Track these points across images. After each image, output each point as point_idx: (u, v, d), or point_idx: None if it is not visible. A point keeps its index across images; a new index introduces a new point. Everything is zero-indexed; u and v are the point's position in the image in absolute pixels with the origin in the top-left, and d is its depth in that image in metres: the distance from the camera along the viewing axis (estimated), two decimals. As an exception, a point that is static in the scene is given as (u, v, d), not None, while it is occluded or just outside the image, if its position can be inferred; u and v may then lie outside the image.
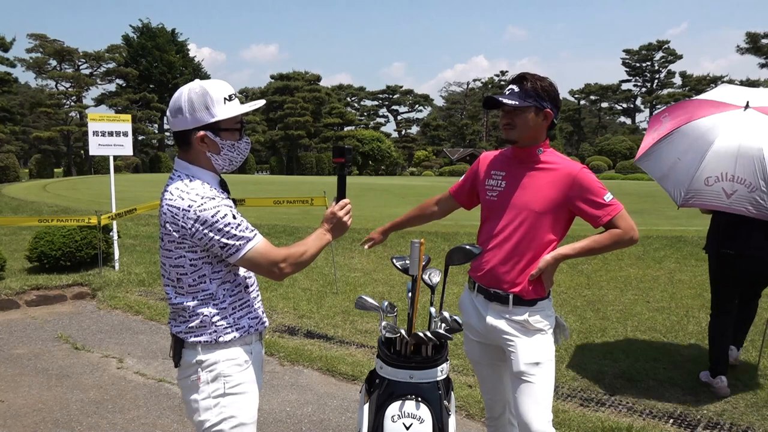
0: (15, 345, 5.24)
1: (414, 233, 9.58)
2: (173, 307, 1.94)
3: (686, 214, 13.25)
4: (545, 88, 2.29)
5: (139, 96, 56.01)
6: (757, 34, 61.18)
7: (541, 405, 2.28)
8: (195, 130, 1.87)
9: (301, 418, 3.79)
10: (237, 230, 1.82)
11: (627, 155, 56.80)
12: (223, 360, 1.91)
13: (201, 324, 1.90)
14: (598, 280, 7.50)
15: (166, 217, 1.85)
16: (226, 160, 1.95)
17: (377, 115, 78.98)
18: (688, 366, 4.51)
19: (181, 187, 1.86)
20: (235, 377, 1.93)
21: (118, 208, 8.42)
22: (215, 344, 1.91)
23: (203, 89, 1.85)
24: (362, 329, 5.52)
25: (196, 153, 1.91)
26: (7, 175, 32.19)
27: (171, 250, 1.87)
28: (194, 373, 1.92)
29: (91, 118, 8.07)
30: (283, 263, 1.88)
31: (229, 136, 1.91)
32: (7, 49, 43.52)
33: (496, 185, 2.42)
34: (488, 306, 2.41)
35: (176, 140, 1.93)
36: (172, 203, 1.84)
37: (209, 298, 1.90)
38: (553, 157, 2.36)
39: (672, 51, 76.08)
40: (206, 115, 1.85)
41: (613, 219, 2.26)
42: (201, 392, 1.91)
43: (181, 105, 1.85)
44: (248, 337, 1.98)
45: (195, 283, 1.89)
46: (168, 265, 1.90)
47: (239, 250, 1.83)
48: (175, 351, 1.97)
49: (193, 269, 1.87)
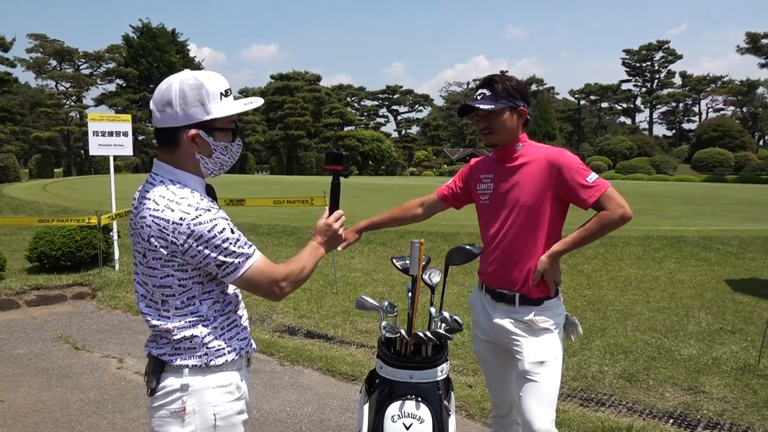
0: (15, 345, 5.24)
1: (414, 233, 9.58)
2: (154, 329, 1.68)
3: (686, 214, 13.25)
4: (515, 87, 2.31)
5: (139, 96, 56.00)
6: (757, 34, 61.18)
7: (544, 404, 2.28)
8: (186, 128, 1.61)
9: (301, 418, 3.79)
10: (236, 246, 1.60)
11: (627, 155, 56.79)
12: (213, 386, 1.66)
13: (190, 345, 1.65)
14: (598, 280, 7.50)
15: (151, 231, 1.57)
16: (217, 163, 1.70)
17: (377, 115, 79.07)
18: (688, 366, 4.51)
19: (167, 195, 1.59)
20: (226, 407, 1.68)
21: (118, 208, 8.42)
22: (205, 368, 1.66)
23: (198, 81, 1.60)
24: (362, 329, 5.52)
25: (184, 154, 1.65)
26: (7, 175, 32.19)
27: (156, 268, 1.61)
28: (176, 401, 1.64)
29: (91, 118, 8.07)
30: (283, 282, 1.69)
31: (223, 137, 1.67)
32: (7, 49, 43.54)
33: (486, 189, 2.44)
34: (495, 306, 2.42)
35: (160, 138, 1.66)
36: (158, 215, 1.57)
37: (198, 319, 1.66)
38: (532, 149, 2.37)
39: (672, 51, 76.14)
40: (200, 112, 1.60)
41: (600, 199, 2.21)
42: (186, 424, 1.64)
43: (171, 98, 1.58)
44: (239, 361, 1.75)
45: (183, 306, 1.64)
46: (151, 285, 1.64)
47: (238, 269, 1.61)
48: (152, 375, 1.68)
49: (181, 290, 1.63)
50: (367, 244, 9.39)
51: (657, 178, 45.29)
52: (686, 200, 20.56)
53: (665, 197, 22.10)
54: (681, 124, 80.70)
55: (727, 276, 7.67)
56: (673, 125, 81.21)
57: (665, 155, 56.24)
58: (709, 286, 7.19)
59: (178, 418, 1.64)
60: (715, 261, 8.48)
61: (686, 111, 78.82)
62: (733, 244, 9.42)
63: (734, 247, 9.29)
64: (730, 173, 46.72)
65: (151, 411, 1.69)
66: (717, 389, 4.07)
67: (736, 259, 8.62)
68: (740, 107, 69.76)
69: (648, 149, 59.23)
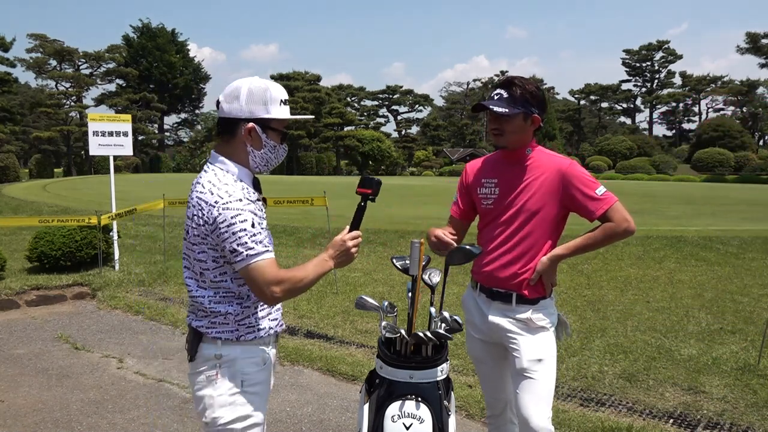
0: (15, 345, 5.24)
1: (414, 233, 9.58)
2: (193, 300, 1.92)
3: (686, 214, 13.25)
4: (533, 93, 2.31)
5: (139, 96, 56.03)
6: (757, 34, 61.21)
7: (541, 401, 2.30)
8: (245, 121, 1.87)
9: (301, 418, 3.79)
10: (250, 239, 1.77)
11: (627, 155, 56.80)
12: (242, 357, 1.90)
13: (224, 321, 1.89)
14: (598, 280, 7.50)
15: (195, 210, 1.84)
16: (264, 159, 1.94)
17: (377, 115, 78.97)
18: (688, 366, 4.51)
19: (213, 180, 1.84)
20: (253, 376, 1.92)
21: (118, 208, 8.42)
22: (236, 341, 1.90)
23: (266, 85, 1.88)
24: (362, 329, 5.52)
25: (238, 145, 1.90)
26: (7, 175, 32.20)
27: (195, 243, 1.85)
28: (212, 368, 1.89)
29: (91, 118, 8.07)
30: (276, 287, 1.79)
31: (274, 137, 1.93)
32: (7, 49, 43.56)
33: (489, 193, 2.44)
34: (491, 304, 2.42)
35: (222, 128, 1.92)
36: (202, 196, 1.82)
37: (231, 295, 1.89)
38: (541, 155, 2.38)
39: (672, 51, 76.11)
40: (261, 110, 1.87)
41: (607, 212, 2.27)
42: (218, 388, 1.88)
43: (239, 93, 1.86)
44: (267, 338, 1.97)
45: (216, 280, 1.87)
46: (192, 258, 1.88)
47: (244, 260, 1.77)
48: (191, 344, 1.93)
49: (215, 265, 1.85)
50: (367, 244, 9.39)
51: (657, 178, 45.32)
52: (686, 200, 20.56)
53: (665, 197, 22.10)
54: (681, 124, 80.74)
55: (727, 276, 7.67)
56: (673, 125, 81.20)
57: (665, 155, 56.26)
58: (709, 286, 7.19)
59: (211, 382, 1.89)
60: (715, 261, 8.48)
61: (686, 111, 78.80)
62: (733, 244, 9.42)
63: (734, 247, 9.29)
64: (730, 173, 46.74)
65: (191, 377, 1.96)
66: (717, 389, 4.07)
67: (736, 259, 8.63)
68: (740, 107, 69.76)
69: (648, 149, 59.24)
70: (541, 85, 78.66)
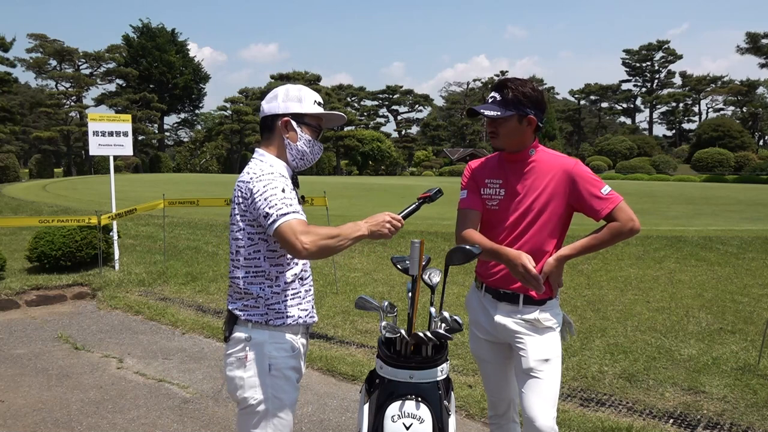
0: (15, 345, 5.24)
1: (414, 233, 9.58)
2: (231, 281, 2.07)
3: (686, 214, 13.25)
4: (527, 94, 2.27)
5: (139, 96, 56.01)
6: (757, 34, 61.23)
7: (547, 401, 2.29)
8: (281, 116, 2.07)
9: (301, 418, 3.79)
10: (281, 201, 1.89)
11: (627, 155, 56.79)
12: (270, 342, 2.01)
13: (255, 304, 2.02)
14: (598, 280, 7.50)
15: (236, 192, 2.02)
16: (300, 152, 2.10)
17: (377, 115, 78.97)
18: (688, 366, 4.51)
19: (251, 166, 2.04)
20: (281, 361, 2.02)
21: (118, 208, 8.43)
22: (265, 325, 2.02)
23: (302, 88, 2.11)
24: (362, 329, 5.52)
25: (276, 139, 2.09)
26: (7, 175, 32.21)
27: (235, 223, 2.04)
28: (242, 350, 2.01)
29: (91, 118, 8.07)
30: (305, 236, 1.83)
31: (309, 132, 2.11)
32: (7, 49, 43.51)
33: (494, 194, 2.42)
34: (497, 305, 2.42)
35: (262, 126, 2.13)
36: (241, 178, 2.02)
37: (262, 275, 2.02)
38: (546, 156, 2.38)
39: (672, 51, 76.11)
40: (296, 106, 2.07)
41: (613, 211, 2.27)
42: (248, 369, 2.00)
43: (278, 94, 2.09)
44: (296, 327, 2.07)
45: (249, 257, 2.01)
46: (231, 239, 2.06)
47: (276, 221, 1.87)
48: (227, 326, 2.07)
49: (249, 242, 2.01)
50: (367, 244, 9.39)
51: (657, 178, 45.31)
52: (686, 200, 20.56)
53: (665, 197, 22.10)
54: (681, 124, 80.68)
55: (727, 276, 7.68)
56: (673, 125, 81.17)
57: (665, 155, 56.23)
58: (709, 286, 7.19)
59: (241, 363, 2.01)
60: (715, 261, 8.48)
61: (686, 111, 78.74)
62: (733, 244, 9.42)
63: (734, 247, 9.29)
64: (730, 173, 46.72)
65: (225, 358, 2.09)
66: (717, 389, 4.07)
67: (736, 259, 8.63)
68: (740, 107, 69.75)
69: (648, 149, 59.23)
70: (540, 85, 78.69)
